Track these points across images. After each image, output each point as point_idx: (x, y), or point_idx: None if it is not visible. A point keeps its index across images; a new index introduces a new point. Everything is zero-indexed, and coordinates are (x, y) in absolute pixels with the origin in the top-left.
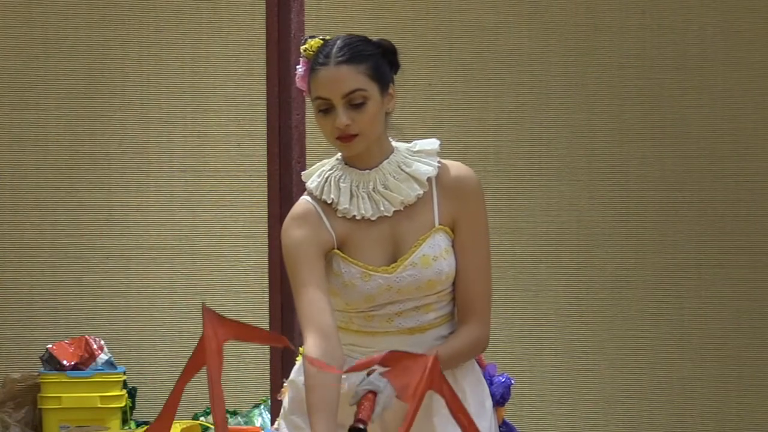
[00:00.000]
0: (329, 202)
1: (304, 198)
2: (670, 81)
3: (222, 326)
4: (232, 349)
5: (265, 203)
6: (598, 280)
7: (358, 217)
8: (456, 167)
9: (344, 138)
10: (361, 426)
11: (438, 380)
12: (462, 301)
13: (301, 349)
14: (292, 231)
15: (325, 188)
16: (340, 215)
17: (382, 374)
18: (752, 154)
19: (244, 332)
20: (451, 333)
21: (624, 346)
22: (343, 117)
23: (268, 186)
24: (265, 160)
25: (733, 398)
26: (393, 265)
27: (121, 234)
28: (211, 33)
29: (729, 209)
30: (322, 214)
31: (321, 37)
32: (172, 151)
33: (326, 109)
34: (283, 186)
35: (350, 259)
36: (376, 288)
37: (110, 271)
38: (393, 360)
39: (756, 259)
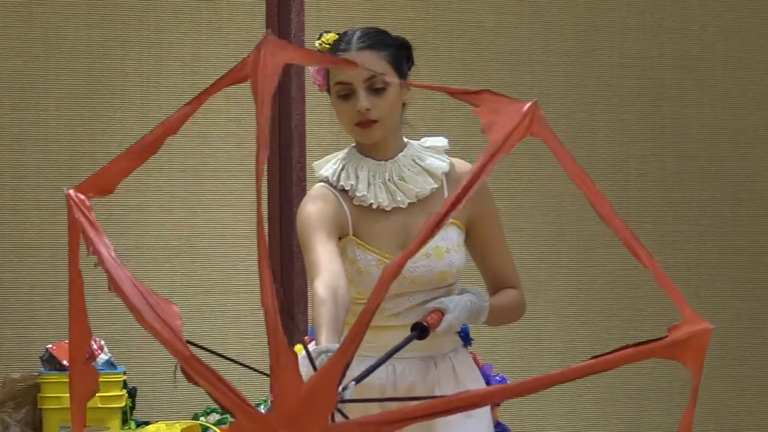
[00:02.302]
0: (347, 188)
1: (320, 184)
2: (670, 81)
3: (285, 50)
4: (231, 349)
5: (265, 203)
6: (598, 280)
7: (374, 206)
8: (465, 165)
9: (364, 123)
10: (425, 324)
11: (540, 126)
12: (498, 282)
13: (297, 347)
14: (309, 206)
15: (342, 175)
16: (356, 203)
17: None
18: (752, 154)
19: (311, 57)
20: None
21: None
22: (364, 101)
23: (268, 186)
24: None
25: (732, 398)
26: None
27: (121, 234)
28: (211, 33)
29: (729, 209)
30: (340, 198)
31: (336, 32)
32: (172, 151)
33: (346, 94)
34: (283, 186)
35: (367, 246)
36: None
37: None
38: (482, 98)
39: (756, 259)
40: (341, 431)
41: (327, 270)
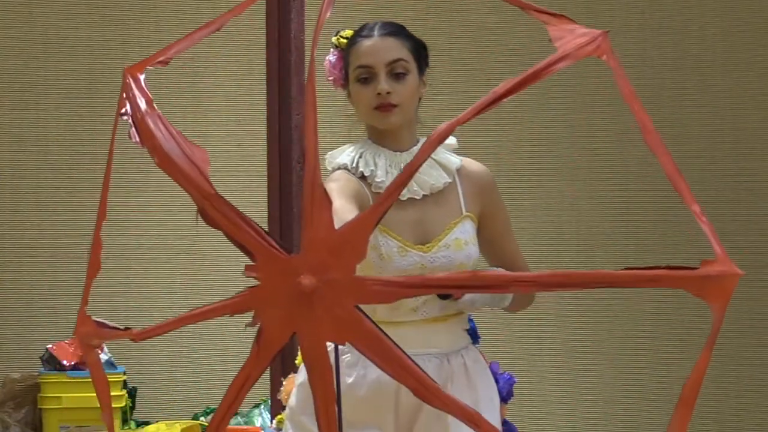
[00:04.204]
0: (366, 174)
1: (339, 171)
2: (670, 81)
3: None
4: (231, 350)
5: (265, 203)
6: None
7: None
8: (474, 163)
9: (383, 107)
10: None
11: (608, 52)
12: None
13: (298, 359)
14: (331, 184)
15: (361, 162)
16: (375, 189)
17: None
18: (752, 154)
19: None
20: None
21: (624, 346)
22: (384, 84)
23: (268, 186)
24: (265, 160)
25: (732, 398)
26: (428, 244)
27: (121, 234)
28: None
29: (729, 209)
30: (362, 183)
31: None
32: None
33: (366, 78)
34: (283, 186)
35: (389, 232)
36: (411, 265)
37: (110, 271)
38: (558, 20)
39: (756, 259)
40: (365, 284)
41: (344, 216)
